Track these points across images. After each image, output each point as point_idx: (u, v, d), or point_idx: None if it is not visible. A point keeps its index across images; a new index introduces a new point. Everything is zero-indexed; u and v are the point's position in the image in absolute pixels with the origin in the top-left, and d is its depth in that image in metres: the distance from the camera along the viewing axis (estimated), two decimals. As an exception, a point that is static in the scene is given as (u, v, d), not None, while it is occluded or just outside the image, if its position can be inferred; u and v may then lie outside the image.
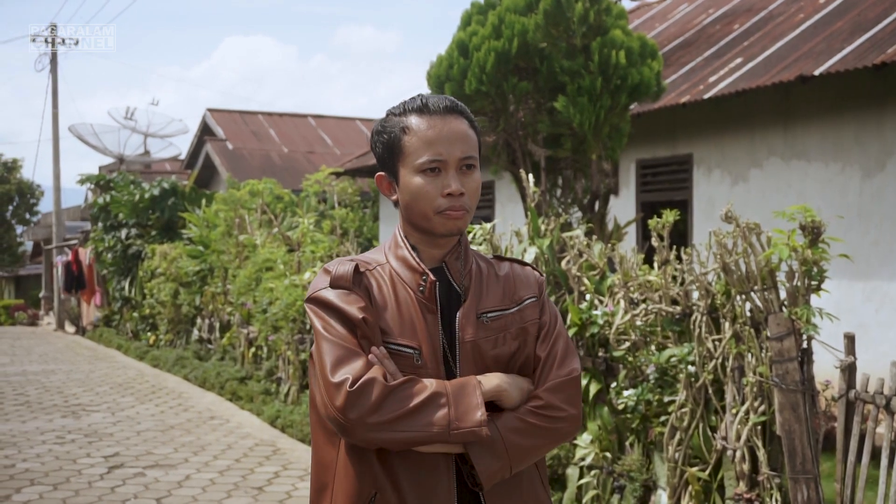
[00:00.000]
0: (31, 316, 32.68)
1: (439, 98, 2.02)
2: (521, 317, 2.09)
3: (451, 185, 1.95)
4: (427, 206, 1.96)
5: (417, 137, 1.97)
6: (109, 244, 18.42)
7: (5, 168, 45.84)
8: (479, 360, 2.03)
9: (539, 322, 2.12)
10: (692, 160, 9.78)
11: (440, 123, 1.98)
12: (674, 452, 4.61)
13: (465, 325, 2.02)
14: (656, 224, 4.85)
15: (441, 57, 7.37)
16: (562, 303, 5.52)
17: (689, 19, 12.62)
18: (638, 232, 9.94)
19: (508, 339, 2.06)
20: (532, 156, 7.31)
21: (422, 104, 2.00)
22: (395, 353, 1.95)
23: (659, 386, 4.72)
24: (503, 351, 2.05)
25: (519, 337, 2.08)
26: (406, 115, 2.00)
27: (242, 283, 10.73)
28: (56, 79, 28.13)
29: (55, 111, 27.74)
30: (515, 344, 2.07)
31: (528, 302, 2.11)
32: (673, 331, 4.71)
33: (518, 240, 5.97)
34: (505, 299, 2.09)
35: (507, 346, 2.05)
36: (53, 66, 28.25)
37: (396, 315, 1.98)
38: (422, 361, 1.97)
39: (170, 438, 8.24)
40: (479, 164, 2.03)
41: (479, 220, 11.42)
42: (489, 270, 2.12)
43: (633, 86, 6.95)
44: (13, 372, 13.67)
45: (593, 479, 5.13)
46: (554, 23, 6.98)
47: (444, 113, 1.99)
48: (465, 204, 1.97)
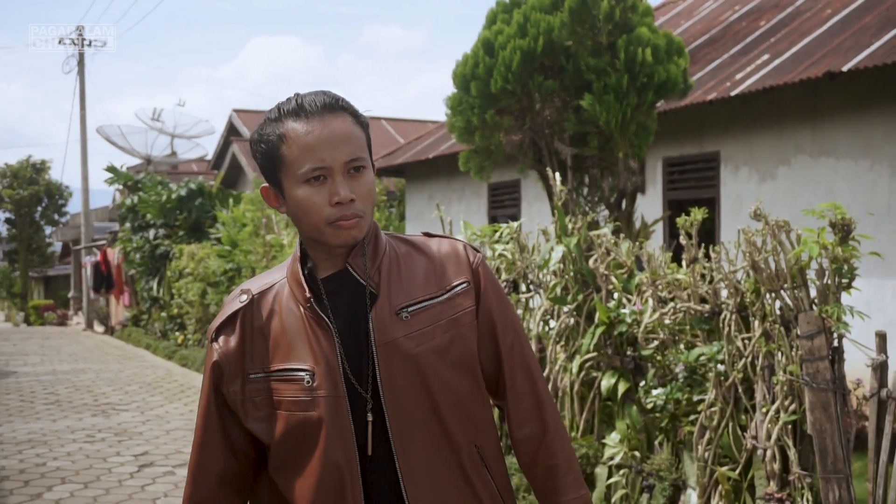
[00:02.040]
0: (60, 316, 33.00)
1: (316, 95, 1.82)
2: (452, 305, 1.87)
3: (338, 192, 1.76)
4: (316, 217, 1.78)
5: (296, 145, 1.77)
6: (137, 244, 18.56)
7: (34, 169, 46.25)
8: (404, 363, 1.82)
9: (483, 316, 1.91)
10: (719, 158, 9.72)
11: (319, 126, 1.77)
12: (703, 452, 4.59)
13: (381, 326, 1.82)
14: (684, 222, 4.83)
15: (467, 56, 7.37)
16: (589, 301, 5.51)
17: (715, 16, 12.54)
18: (665, 230, 9.89)
19: (438, 332, 1.84)
20: (558, 154, 7.29)
21: (297, 106, 1.80)
22: (285, 379, 1.82)
23: (688, 385, 4.70)
24: (431, 347, 1.84)
25: (450, 329, 1.86)
26: (282, 121, 1.80)
27: (269, 283, 10.76)
28: (83, 80, 28.37)
29: (83, 113, 27.98)
30: (447, 338, 1.85)
31: (460, 288, 1.89)
32: (702, 329, 4.69)
33: (545, 238, 5.97)
34: (430, 286, 1.88)
35: (437, 340, 1.84)
36: (81, 68, 28.49)
37: (287, 337, 1.85)
38: (315, 383, 1.80)
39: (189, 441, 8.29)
40: (370, 162, 1.84)
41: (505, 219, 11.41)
42: (409, 256, 1.91)
43: (659, 83, 6.91)
44: (43, 371, 13.81)
45: (622, 479, 5.11)
46: (579, 21, 6.96)
47: (323, 112, 1.79)
48: (358, 210, 1.78)
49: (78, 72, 28.44)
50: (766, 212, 4.13)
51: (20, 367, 14.32)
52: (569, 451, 1.94)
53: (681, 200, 10.22)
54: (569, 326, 5.67)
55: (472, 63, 7.25)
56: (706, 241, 5.12)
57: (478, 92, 7.20)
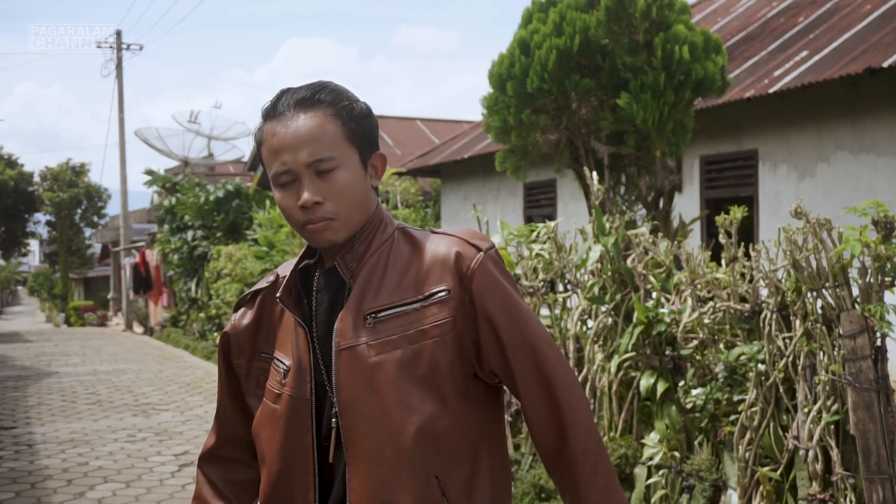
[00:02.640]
0: (100, 317, 33.39)
1: (297, 91, 1.76)
2: (424, 315, 1.72)
3: (302, 195, 1.71)
4: (291, 221, 1.75)
5: (266, 147, 1.74)
6: (176, 246, 18.73)
7: (73, 172, 46.88)
8: (361, 372, 1.71)
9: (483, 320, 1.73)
10: (757, 156, 9.64)
11: (284, 127, 1.72)
12: (744, 452, 4.55)
13: (343, 329, 1.73)
14: (724, 221, 4.79)
15: (502, 55, 7.36)
16: (627, 301, 5.48)
17: (752, 12, 12.44)
18: (702, 229, 9.83)
19: (403, 343, 1.70)
20: (595, 153, 7.27)
21: (270, 105, 1.76)
22: (274, 367, 1.84)
23: (728, 384, 4.66)
24: (392, 359, 1.70)
25: (417, 341, 1.71)
26: (261, 122, 1.78)
27: (306, 284, 10.82)
28: (122, 84, 28.68)
29: (121, 116, 28.29)
30: (412, 350, 1.70)
31: (437, 296, 1.72)
32: (742, 329, 4.65)
33: (582, 238, 5.95)
34: (407, 291, 1.74)
35: (401, 352, 1.70)
36: (119, 72, 28.81)
37: (282, 328, 1.85)
38: (286, 379, 1.78)
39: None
40: (346, 158, 1.74)
41: (541, 219, 11.36)
42: (400, 256, 1.78)
43: (696, 81, 6.87)
44: (84, 371, 13.98)
45: (661, 479, 5.08)
46: (616, 19, 6.93)
47: (295, 110, 1.73)
48: (327, 212, 1.71)
49: (116, 75, 28.77)
50: (807, 209, 4.09)
51: (62, 368, 14.50)
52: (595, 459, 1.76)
53: (718, 199, 10.15)
54: (607, 326, 5.65)
55: (508, 63, 7.25)
56: (744, 240, 5.09)
57: (514, 91, 7.19)
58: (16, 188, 43.29)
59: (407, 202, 16.09)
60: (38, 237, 52.35)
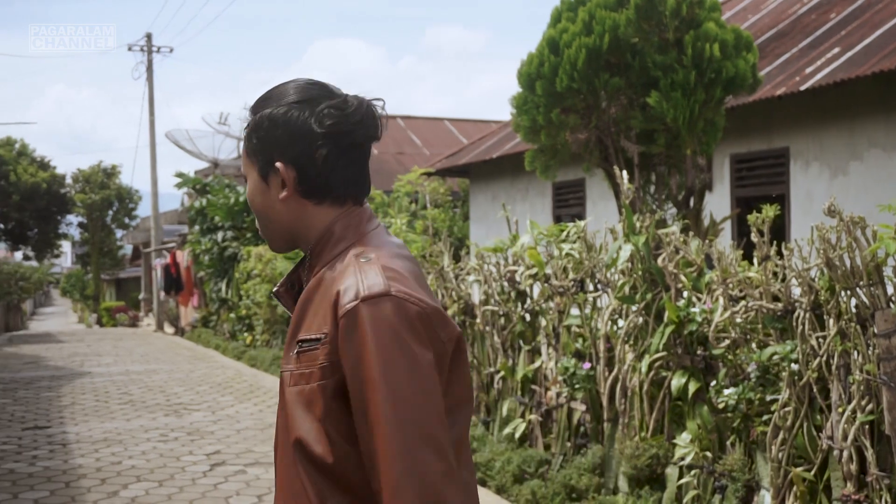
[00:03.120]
0: (131, 317, 33.68)
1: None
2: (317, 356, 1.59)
3: None
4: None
5: None
6: (206, 247, 18.86)
7: (105, 174, 47.30)
8: (283, 396, 1.65)
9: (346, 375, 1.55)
10: (788, 153, 9.56)
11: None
12: (777, 452, 4.52)
13: (285, 350, 1.67)
14: (756, 219, 4.76)
15: (532, 55, 7.35)
16: (658, 300, 5.46)
17: (782, 9, 12.34)
18: (733, 228, 9.76)
19: (304, 381, 1.60)
20: (625, 152, 7.24)
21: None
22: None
23: (761, 384, 4.63)
24: (297, 393, 1.61)
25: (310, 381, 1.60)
26: None
27: (336, 284, 10.86)
28: (152, 86, 28.92)
29: (152, 118, 28.52)
30: (305, 390, 1.59)
31: (322, 339, 1.58)
32: (774, 328, 4.62)
33: (613, 237, 5.94)
34: (321, 324, 1.60)
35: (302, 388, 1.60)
36: (149, 74, 29.04)
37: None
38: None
39: (269, 437, 8.40)
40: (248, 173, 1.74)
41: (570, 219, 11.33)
42: (330, 279, 1.63)
43: (727, 79, 6.83)
44: (117, 372, 14.10)
45: (693, 479, 5.06)
46: (646, 17, 6.90)
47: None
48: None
49: (147, 78, 29.00)
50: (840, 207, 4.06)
51: (94, 368, 14.64)
52: None
53: (749, 197, 10.08)
54: (637, 326, 5.63)
55: (538, 62, 7.23)
56: (776, 239, 5.05)
57: (543, 91, 7.17)
58: (48, 190, 43.75)
59: (436, 202, 16.10)
60: (70, 239, 52.90)
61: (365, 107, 1.71)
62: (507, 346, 7.19)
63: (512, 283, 7.14)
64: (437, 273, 8.34)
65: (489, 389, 7.42)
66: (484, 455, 6.55)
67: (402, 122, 27.85)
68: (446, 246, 8.60)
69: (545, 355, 6.63)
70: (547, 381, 6.59)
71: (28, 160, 44.30)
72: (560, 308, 6.44)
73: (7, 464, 7.39)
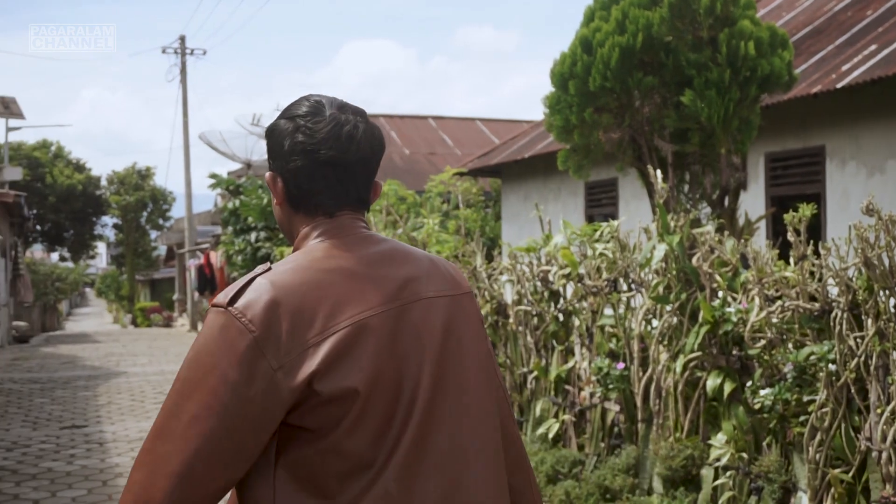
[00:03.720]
0: (165, 317, 33.97)
1: None
2: None
3: None
4: None
5: None
6: (239, 247, 18.99)
7: (139, 176, 47.78)
8: None
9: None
10: (824, 152, 9.47)
11: None
12: (814, 453, 4.48)
13: None
14: (792, 218, 4.72)
15: (564, 54, 7.33)
16: (693, 300, 5.43)
17: (818, 6, 12.22)
18: (768, 227, 9.68)
19: None
20: (658, 151, 7.20)
21: None
22: None
23: (797, 385, 4.59)
24: None
25: None
26: None
27: (369, 284, 10.87)
28: (186, 88, 29.16)
29: (185, 120, 28.76)
30: None
31: None
32: (811, 328, 4.58)
33: (646, 237, 5.91)
34: None
35: None
36: (183, 77, 29.28)
37: None
38: None
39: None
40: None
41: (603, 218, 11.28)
42: None
43: (763, 77, 6.77)
44: (152, 371, 14.23)
45: (729, 481, 5.02)
46: (679, 15, 6.86)
47: None
48: None
49: (180, 80, 29.26)
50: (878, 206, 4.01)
51: (130, 368, 14.78)
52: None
53: (783, 196, 9.99)
54: (672, 326, 5.60)
55: (570, 61, 7.21)
56: (811, 238, 5.00)
57: (576, 90, 7.15)
58: (84, 192, 44.27)
59: (468, 202, 16.10)
60: (105, 240, 53.47)
61: (335, 126, 1.75)
62: (539, 345, 7.18)
63: (545, 283, 7.12)
64: (469, 273, 8.33)
65: (522, 390, 7.41)
66: (517, 455, 6.53)
67: (433, 122, 27.88)
68: (479, 246, 8.60)
69: (578, 355, 6.61)
70: (580, 381, 6.57)
71: (64, 162, 44.85)
72: (593, 308, 6.42)
73: (46, 462, 7.48)
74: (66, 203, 43.35)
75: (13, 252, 22.34)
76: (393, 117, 27.84)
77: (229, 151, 26.02)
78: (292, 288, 1.62)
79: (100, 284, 69.48)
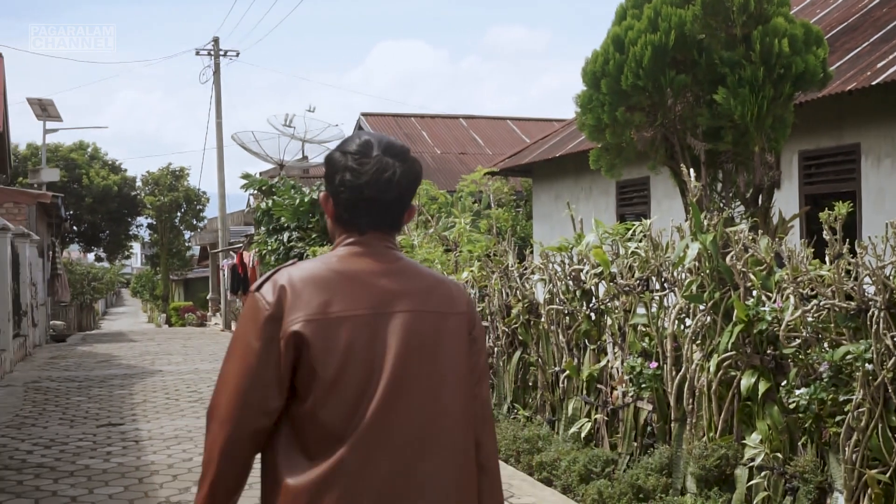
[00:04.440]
0: (199, 317, 34.21)
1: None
2: None
3: None
4: None
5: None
6: (272, 247, 19.09)
7: (173, 176, 48.19)
8: None
9: None
10: (859, 150, 9.38)
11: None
12: (851, 454, 4.44)
13: None
14: (828, 217, 4.68)
15: (596, 53, 7.31)
16: (726, 299, 5.40)
17: (852, 3, 12.09)
18: (802, 226, 9.60)
19: None
20: (691, 150, 7.16)
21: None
22: None
23: (833, 384, 4.55)
24: None
25: None
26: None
27: (401, 284, 10.90)
28: (219, 89, 29.36)
29: (219, 121, 28.96)
30: None
31: None
32: (847, 327, 4.54)
33: (679, 236, 5.88)
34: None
35: None
36: (216, 78, 29.49)
37: None
38: None
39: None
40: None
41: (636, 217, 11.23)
42: None
43: (797, 74, 6.72)
44: (186, 370, 14.34)
45: (763, 481, 4.99)
46: (713, 13, 6.83)
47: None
48: None
49: (213, 81, 29.46)
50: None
51: (165, 367, 14.91)
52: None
53: (817, 195, 9.90)
54: (705, 325, 5.57)
55: (602, 60, 7.20)
56: (846, 237, 4.96)
57: (608, 89, 7.14)
58: (119, 193, 44.72)
59: (499, 201, 16.09)
60: (140, 240, 54.00)
61: (378, 170, 2.14)
62: (571, 345, 7.17)
63: (577, 282, 7.11)
64: (501, 272, 8.34)
65: (554, 389, 7.41)
66: (549, 454, 6.54)
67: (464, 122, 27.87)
68: (510, 245, 8.60)
69: (611, 354, 6.59)
70: (613, 380, 6.55)
71: (100, 164, 45.35)
72: (626, 307, 6.40)
73: (83, 459, 7.57)
74: (102, 204, 43.83)
75: (50, 252, 22.62)
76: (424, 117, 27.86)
77: (262, 152, 26.16)
78: (303, 279, 2.10)
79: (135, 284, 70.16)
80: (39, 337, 20.50)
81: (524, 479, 6.68)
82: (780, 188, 7.34)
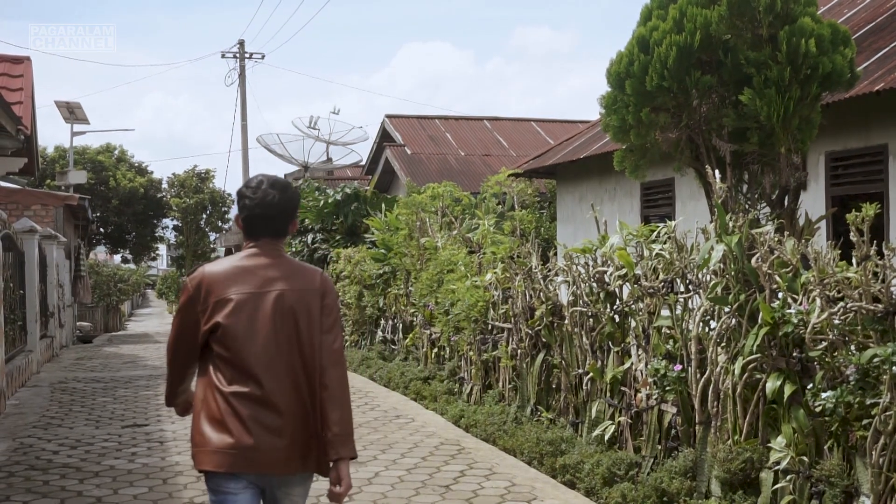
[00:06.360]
0: (224, 318, 34.31)
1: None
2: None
3: None
4: None
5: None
6: (297, 248, 19.15)
7: (199, 178, 48.47)
8: None
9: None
10: (887, 151, 9.28)
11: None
12: (878, 457, 4.39)
13: None
14: (855, 218, 4.64)
15: (621, 53, 7.28)
16: (752, 301, 5.35)
17: (880, 3, 11.98)
18: (828, 228, 9.52)
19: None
20: (717, 151, 7.11)
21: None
22: None
23: (860, 387, 4.51)
24: None
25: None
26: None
27: (424, 285, 10.94)
28: (245, 92, 29.53)
29: (244, 123, 29.12)
30: None
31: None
32: (875, 329, 4.49)
33: (704, 237, 5.84)
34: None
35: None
36: (242, 81, 29.65)
37: None
38: None
39: (358, 436, 8.49)
40: None
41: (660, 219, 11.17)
42: None
43: (824, 75, 6.65)
44: (211, 371, 14.40)
45: (789, 484, 4.95)
46: (738, 13, 6.78)
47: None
48: None
49: (239, 84, 29.63)
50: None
51: (189, 367, 14.98)
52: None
53: (844, 196, 9.82)
54: (730, 327, 5.53)
55: (627, 61, 7.17)
56: (873, 238, 4.91)
57: (633, 90, 7.10)
58: (145, 195, 45.02)
59: (523, 203, 16.07)
60: (165, 242, 54.31)
61: (263, 196, 3.43)
62: (595, 347, 7.14)
63: (601, 284, 7.08)
64: (525, 274, 8.32)
65: (578, 391, 7.38)
66: (573, 457, 6.51)
67: (488, 123, 27.87)
68: (534, 247, 8.58)
69: (635, 357, 6.56)
70: (637, 382, 6.51)
71: (126, 166, 45.67)
72: (650, 309, 6.36)
73: (108, 460, 7.61)
74: (129, 206, 44.15)
75: (76, 254, 22.80)
76: (448, 119, 27.86)
77: (286, 154, 26.28)
78: (214, 271, 3.41)
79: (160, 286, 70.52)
80: (66, 338, 20.66)
81: (547, 481, 6.66)
82: (806, 189, 7.28)
